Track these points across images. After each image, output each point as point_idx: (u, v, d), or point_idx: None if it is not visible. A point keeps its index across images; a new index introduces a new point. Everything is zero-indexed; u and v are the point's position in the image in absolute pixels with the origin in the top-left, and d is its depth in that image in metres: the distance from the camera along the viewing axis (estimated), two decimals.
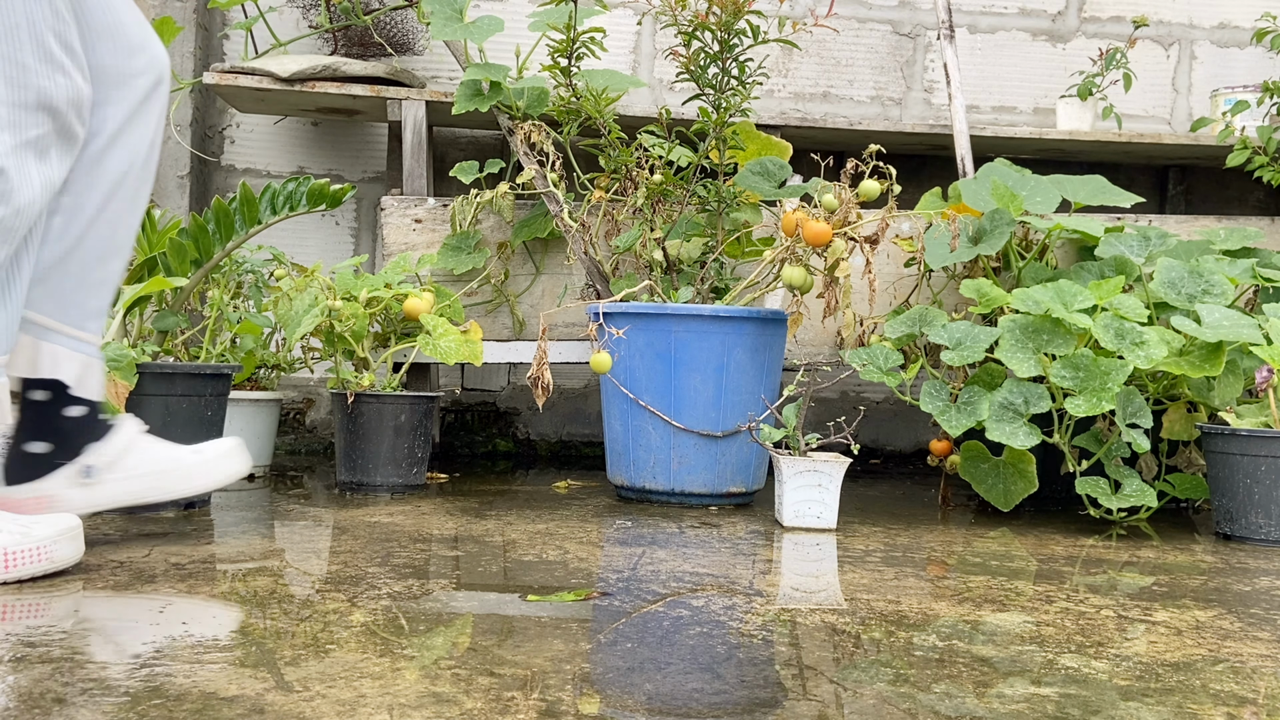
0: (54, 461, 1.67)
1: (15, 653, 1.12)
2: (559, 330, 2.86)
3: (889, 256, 2.75)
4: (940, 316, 2.39)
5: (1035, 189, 2.62)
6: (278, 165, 3.34)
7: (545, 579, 1.58)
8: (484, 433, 3.33)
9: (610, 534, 1.99)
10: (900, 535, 2.09)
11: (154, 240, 2.25)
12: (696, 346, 2.34)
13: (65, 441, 1.68)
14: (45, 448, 1.67)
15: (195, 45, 3.16)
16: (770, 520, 2.22)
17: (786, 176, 2.54)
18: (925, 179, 3.43)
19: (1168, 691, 1.13)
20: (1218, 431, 2.18)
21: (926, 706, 1.05)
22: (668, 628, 1.32)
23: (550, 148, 2.62)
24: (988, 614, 1.46)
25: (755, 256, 2.66)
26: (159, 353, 2.23)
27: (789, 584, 1.62)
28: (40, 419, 1.67)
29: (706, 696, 1.06)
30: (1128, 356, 2.18)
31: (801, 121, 3.11)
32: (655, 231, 2.54)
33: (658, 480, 2.38)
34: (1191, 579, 1.76)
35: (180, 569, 1.56)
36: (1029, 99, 3.56)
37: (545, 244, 2.89)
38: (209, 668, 1.10)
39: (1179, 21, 3.60)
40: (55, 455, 1.68)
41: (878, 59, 3.52)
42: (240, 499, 2.27)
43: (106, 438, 1.70)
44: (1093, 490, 2.24)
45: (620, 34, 3.40)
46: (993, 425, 2.21)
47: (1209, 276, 2.37)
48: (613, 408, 2.46)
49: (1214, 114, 3.29)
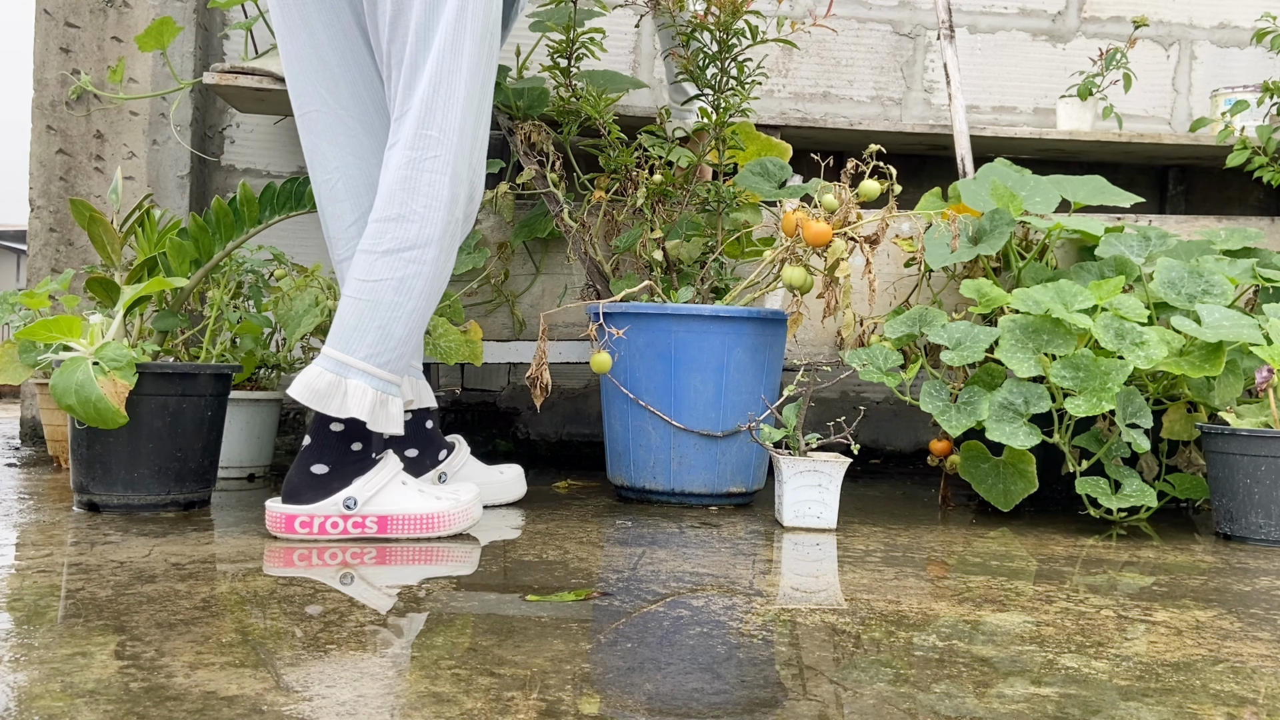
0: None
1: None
2: (559, 330, 2.86)
3: (889, 256, 2.75)
4: (940, 316, 2.39)
5: (1035, 189, 2.62)
6: (278, 165, 3.34)
7: (545, 579, 1.58)
8: (484, 433, 3.33)
9: (610, 534, 1.99)
10: (900, 535, 2.09)
11: (154, 240, 2.25)
12: (696, 346, 2.34)
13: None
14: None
15: (195, 45, 3.16)
16: (770, 520, 2.22)
17: (786, 177, 2.54)
18: (925, 179, 3.43)
19: (1168, 691, 1.13)
20: (1218, 431, 2.18)
21: (926, 706, 1.05)
22: (668, 628, 1.32)
23: (550, 148, 2.62)
24: (988, 614, 1.46)
25: (755, 256, 2.66)
26: (159, 353, 2.23)
27: (789, 584, 1.62)
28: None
29: (706, 696, 1.06)
30: (1128, 356, 2.18)
31: (801, 121, 3.11)
32: (655, 231, 2.54)
33: (658, 480, 2.38)
34: (1191, 579, 1.76)
35: (180, 569, 1.56)
36: (1029, 99, 3.56)
37: (545, 244, 2.88)
38: (209, 667, 1.10)
39: (1179, 21, 3.60)
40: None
41: (878, 59, 3.51)
42: (240, 499, 2.27)
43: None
44: (1093, 490, 2.24)
45: (620, 34, 3.40)
46: (993, 425, 2.21)
47: (1209, 276, 2.37)
48: (613, 408, 2.46)
49: (1214, 114, 3.29)
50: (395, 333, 1.86)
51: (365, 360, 1.85)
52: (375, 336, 1.86)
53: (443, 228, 1.88)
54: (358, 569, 1.63)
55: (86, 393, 1.95)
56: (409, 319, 1.88)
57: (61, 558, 1.63)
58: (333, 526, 1.85)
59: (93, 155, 3.09)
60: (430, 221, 1.87)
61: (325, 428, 1.87)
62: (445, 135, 1.87)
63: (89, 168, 3.09)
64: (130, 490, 2.05)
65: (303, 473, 1.86)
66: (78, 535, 1.82)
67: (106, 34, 3.10)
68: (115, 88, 3.05)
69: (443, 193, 1.87)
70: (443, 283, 1.93)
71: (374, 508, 1.87)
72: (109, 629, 1.23)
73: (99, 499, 2.06)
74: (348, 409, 1.83)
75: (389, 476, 1.89)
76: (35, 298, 2.43)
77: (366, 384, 1.85)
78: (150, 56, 3.10)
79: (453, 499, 1.93)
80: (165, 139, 3.12)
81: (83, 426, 2.04)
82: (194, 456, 2.11)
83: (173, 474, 2.08)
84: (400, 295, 1.86)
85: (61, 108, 3.08)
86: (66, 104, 3.08)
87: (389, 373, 1.87)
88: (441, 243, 1.88)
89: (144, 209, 2.26)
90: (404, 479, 1.93)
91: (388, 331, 1.86)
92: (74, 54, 3.09)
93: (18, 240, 12.86)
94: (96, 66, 3.09)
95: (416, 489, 1.92)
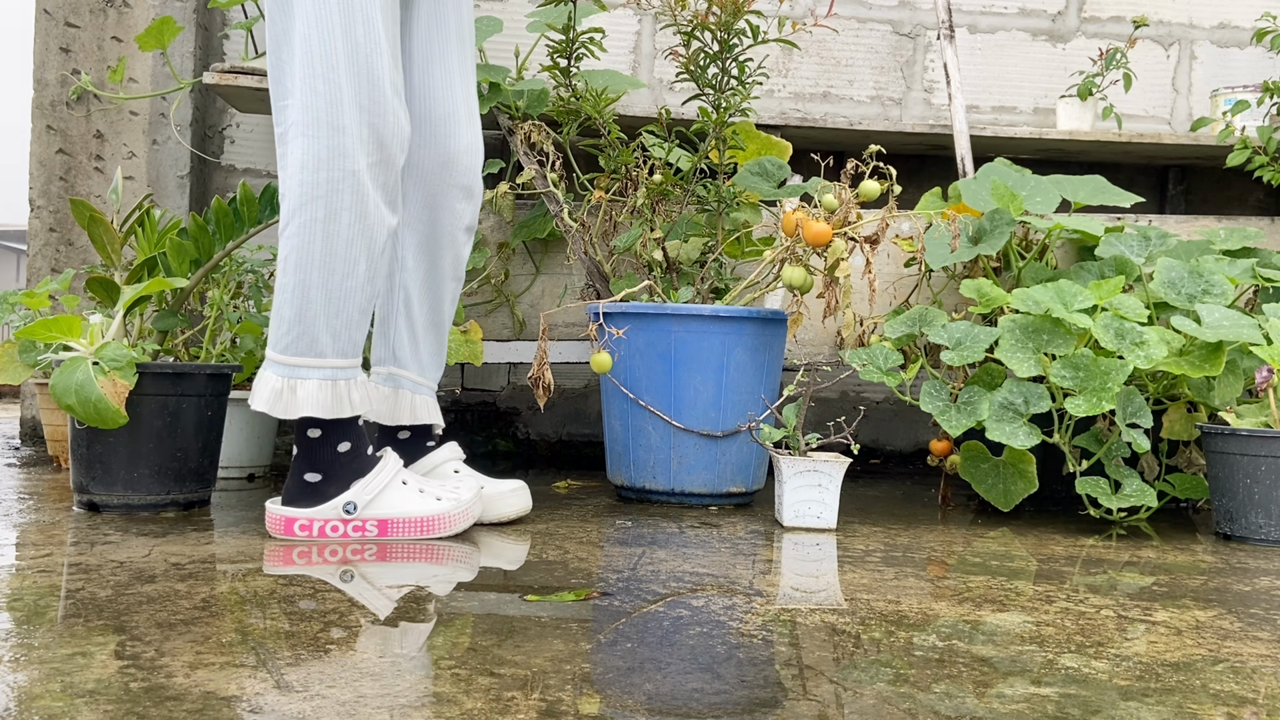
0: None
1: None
2: (559, 330, 2.86)
3: (889, 256, 2.75)
4: (940, 316, 2.39)
5: (1035, 189, 2.62)
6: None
7: (545, 579, 1.58)
8: (484, 432, 3.33)
9: (610, 534, 1.99)
10: (900, 535, 2.09)
11: (154, 240, 2.25)
12: (696, 346, 2.34)
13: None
14: None
15: (195, 45, 3.16)
16: (770, 520, 2.22)
17: (786, 176, 2.54)
18: (925, 179, 3.43)
19: (1168, 691, 1.13)
20: (1218, 431, 2.18)
21: (926, 706, 1.05)
22: (668, 628, 1.32)
23: (550, 148, 2.62)
24: (988, 614, 1.46)
25: (755, 256, 2.66)
26: (159, 352, 2.23)
27: (789, 584, 1.62)
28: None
29: (706, 696, 1.06)
30: (1128, 356, 2.18)
31: (801, 121, 3.11)
32: (655, 231, 2.54)
33: (658, 480, 2.38)
34: (1191, 579, 1.76)
35: (180, 569, 1.56)
36: (1029, 99, 3.56)
37: (545, 244, 2.88)
38: (209, 667, 1.10)
39: (1179, 21, 3.60)
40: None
41: (878, 59, 3.51)
42: (240, 499, 2.27)
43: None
44: (1093, 490, 2.24)
45: (620, 34, 3.40)
46: (993, 425, 2.21)
47: (1209, 276, 2.37)
48: (613, 408, 2.46)
49: (1214, 114, 3.29)
50: (285, 314, 1.80)
51: (271, 349, 1.82)
52: (274, 322, 1.83)
53: (301, 194, 1.78)
54: (358, 568, 1.63)
55: (86, 393, 1.95)
56: (294, 297, 1.79)
57: (61, 558, 1.63)
58: (333, 530, 1.84)
59: (93, 155, 3.09)
60: (291, 193, 1.79)
61: (304, 435, 1.85)
62: (290, 99, 1.80)
63: (89, 168, 3.09)
64: (130, 490, 2.05)
65: (298, 482, 1.85)
66: (78, 535, 1.82)
67: (106, 34, 3.10)
68: (115, 88, 3.05)
69: (295, 158, 1.78)
70: (334, 249, 1.78)
71: (374, 511, 1.85)
72: (109, 629, 1.23)
73: (99, 499, 2.06)
74: (289, 407, 1.80)
75: (389, 478, 1.87)
76: (35, 298, 2.43)
77: (272, 373, 1.81)
78: (150, 56, 3.10)
79: (454, 498, 1.92)
80: (165, 139, 3.12)
81: (83, 426, 2.04)
82: (194, 456, 2.11)
83: (172, 474, 2.08)
84: (284, 275, 1.80)
85: (61, 108, 3.08)
86: (66, 104, 3.08)
87: (291, 356, 1.80)
88: (308, 209, 1.78)
89: (144, 209, 2.26)
90: (404, 478, 1.91)
91: (280, 315, 1.82)
92: (74, 54, 3.09)
93: (18, 240, 12.86)
94: (96, 66, 3.09)
95: (417, 489, 1.91)
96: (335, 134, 1.77)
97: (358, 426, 1.87)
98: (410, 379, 2.10)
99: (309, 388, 1.81)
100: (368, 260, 1.81)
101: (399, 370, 2.10)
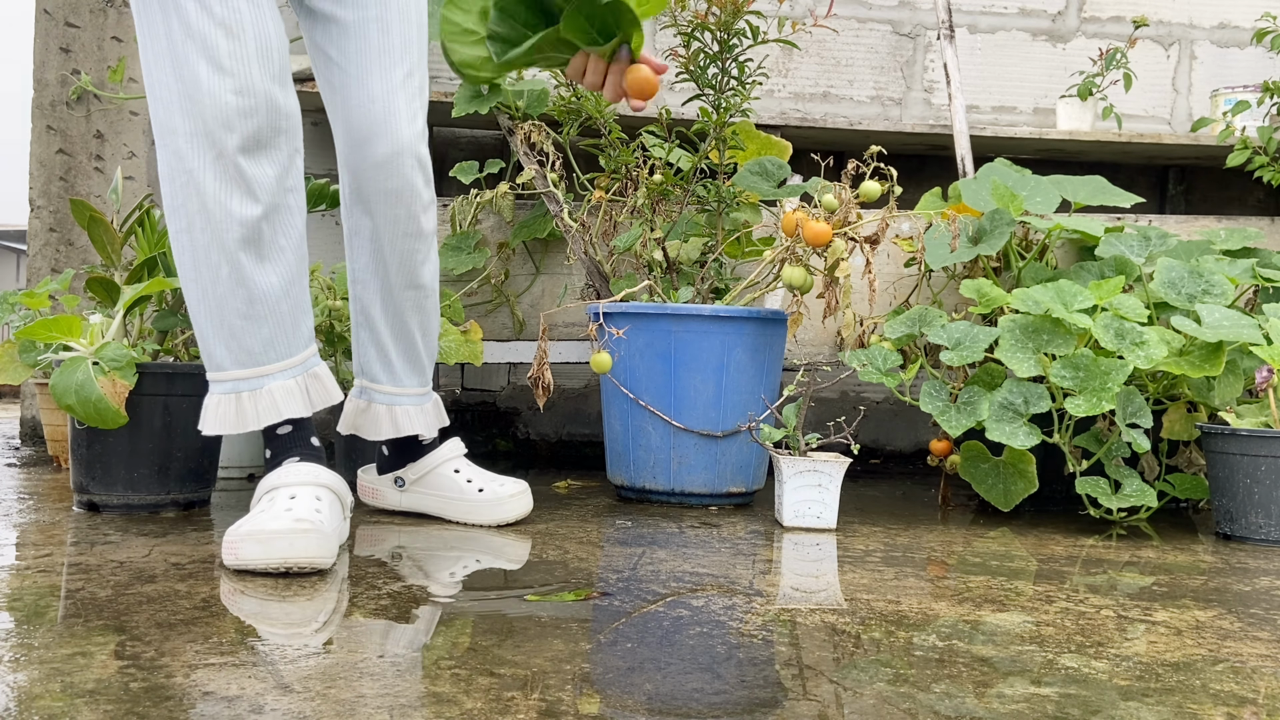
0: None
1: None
2: (559, 330, 2.86)
3: (889, 256, 2.75)
4: (940, 317, 2.39)
5: (1035, 189, 2.62)
6: None
7: (545, 579, 1.58)
8: (484, 433, 3.33)
9: (610, 534, 1.99)
10: (900, 535, 2.09)
11: (154, 240, 2.25)
12: (696, 346, 2.34)
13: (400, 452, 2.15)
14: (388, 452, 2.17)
15: None
16: (770, 520, 2.22)
17: (786, 176, 2.54)
18: (925, 179, 3.43)
19: (1168, 691, 1.13)
20: (1218, 431, 2.18)
21: (926, 706, 1.05)
22: (668, 628, 1.32)
23: (550, 148, 2.62)
24: (988, 614, 1.46)
25: (755, 256, 2.66)
26: (159, 352, 2.23)
27: (789, 584, 1.62)
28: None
29: (706, 696, 1.06)
30: (1128, 356, 2.18)
31: (801, 121, 3.11)
32: (655, 231, 2.54)
33: (658, 480, 2.38)
34: (1191, 579, 1.76)
35: (180, 569, 1.56)
36: (1029, 99, 3.56)
37: (545, 244, 2.88)
38: (209, 667, 1.10)
39: (1179, 21, 3.60)
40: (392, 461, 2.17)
41: (878, 59, 3.51)
42: (240, 499, 2.27)
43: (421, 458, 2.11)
44: (1093, 490, 2.24)
45: None
46: (993, 425, 2.21)
47: (1209, 276, 2.37)
48: (613, 408, 2.46)
49: (1214, 114, 3.29)
50: (199, 322, 1.75)
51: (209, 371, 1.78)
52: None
53: (167, 210, 1.71)
54: (357, 568, 1.63)
55: (86, 393, 1.95)
56: (191, 315, 1.75)
57: (61, 558, 1.63)
58: None
59: (93, 155, 3.09)
60: (164, 195, 1.71)
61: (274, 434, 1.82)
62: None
63: (89, 168, 3.09)
64: (130, 490, 2.05)
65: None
66: (77, 535, 1.82)
67: (106, 34, 3.10)
68: (115, 88, 3.05)
69: (159, 163, 1.70)
70: (197, 260, 1.70)
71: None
72: (109, 629, 1.23)
73: (99, 499, 2.06)
74: (201, 423, 1.78)
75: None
76: (35, 298, 2.43)
77: (215, 391, 1.77)
78: None
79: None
80: None
81: (82, 426, 2.04)
82: (194, 456, 2.11)
83: (173, 474, 2.08)
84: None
85: (61, 108, 3.08)
86: (66, 104, 3.08)
87: (210, 373, 1.77)
88: (172, 223, 1.71)
89: (144, 209, 2.26)
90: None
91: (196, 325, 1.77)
92: (74, 54, 3.09)
93: (18, 240, 12.86)
94: (96, 66, 3.09)
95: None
96: (170, 137, 1.67)
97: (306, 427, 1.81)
98: (384, 392, 2.05)
99: (211, 402, 1.77)
100: (227, 262, 1.69)
101: (370, 384, 2.06)
